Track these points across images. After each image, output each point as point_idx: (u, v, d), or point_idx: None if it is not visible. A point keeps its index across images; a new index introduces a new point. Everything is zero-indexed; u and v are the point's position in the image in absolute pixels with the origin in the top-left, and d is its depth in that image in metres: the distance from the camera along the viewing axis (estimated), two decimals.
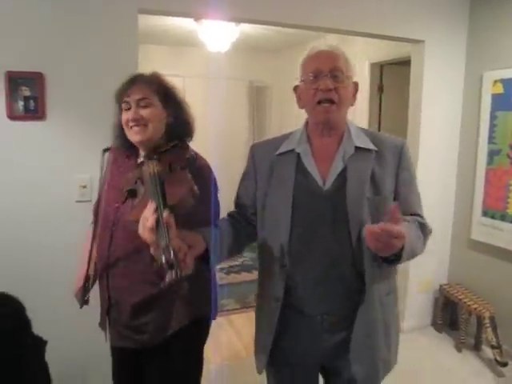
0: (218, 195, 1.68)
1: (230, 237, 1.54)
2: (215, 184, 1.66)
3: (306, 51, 1.53)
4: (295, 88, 1.55)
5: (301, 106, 1.55)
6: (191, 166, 1.55)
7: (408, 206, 1.52)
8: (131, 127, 1.59)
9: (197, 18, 3.85)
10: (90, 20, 2.45)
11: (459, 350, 3.39)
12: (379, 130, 4.64)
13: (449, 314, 3.71)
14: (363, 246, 1.39)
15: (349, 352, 1.47)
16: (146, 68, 1.77)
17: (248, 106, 6.36)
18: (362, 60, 4.58)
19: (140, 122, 1.57)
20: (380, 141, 1.52)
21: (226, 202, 1.77)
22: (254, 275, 4.63)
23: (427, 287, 3.72)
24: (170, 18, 4.12)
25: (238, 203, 1.67)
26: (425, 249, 1.54)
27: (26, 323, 1.47)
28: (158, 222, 1.25)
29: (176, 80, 1.67)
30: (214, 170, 1.70)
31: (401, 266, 3.72)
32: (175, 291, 1.58)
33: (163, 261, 1.20)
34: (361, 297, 1.45)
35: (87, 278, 1.62)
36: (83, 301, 1.64)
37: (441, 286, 3.69)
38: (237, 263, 5.20)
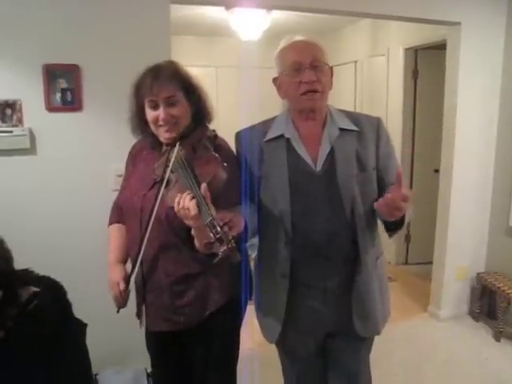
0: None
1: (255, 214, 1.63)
2: (236, 163, 1.67)
3: (281, 43, 1.62)
4: (274, 80, 1.65)
5: (282, 96, 1.65)
6: (212, 143, 1.61)
7: (389, 177, 1.65)
8: (160, 125, 1.59)
9: (228, 7, 3.86)
10: (124, 12, 2.48)
11: (497, 339, 3.33)
12: (414, 118, 4.57)
13: (486, 303, 3.63)
14: (356, 219, 1.57)
15: (351, 314, 1.63)
16: (179, 59, 1.78)
17: None
18: (395, 45, 4.50)
19: (171, 121, 1.57)
20: (358, 120, 1.64)
21: None
22: None
23: (464, 275, 3.66)
24: (201, 7, 4.14)
25: None
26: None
27: (66, 306, 1.53)
28: (197, 203, 1.29)
29: (208, 70, 1.68)
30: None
31: (437, 254, 3.69)
32: (211, 271, 1.61)
33: (212, 237, 1.25)
34: (356, 264, 1.61)
35: (129, 278, 1.62)
36: (124, 304, 1.65)
37: (478, 274, 3.62)
38: None
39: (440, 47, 3.72)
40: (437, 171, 3.81)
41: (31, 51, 2.36)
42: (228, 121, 3.39)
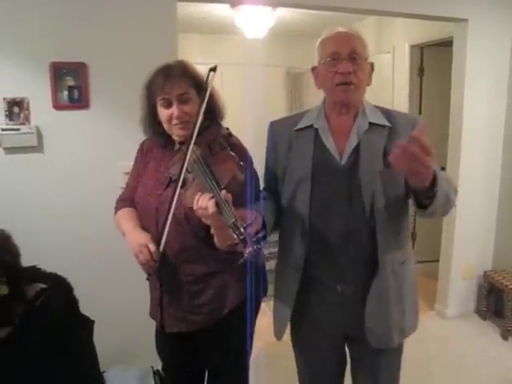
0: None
1: (270, 212, 1.59)
2: (251, 161, 1.67)
3: (323, 33, 1.59)
4: (312, 69, 1.60)
5: (318, 87, 1.60)
6: (227, 141, 1.60)
7: None
8: (175, 124, 1.59)
9: (234, 4, 3.85)
10: (130, 9, 2.48)
11: (505, 337, 3.32)
12: (420, 115, 4.54)
13: (493, 301, 3.61)
14: (376, 217, 1.49)
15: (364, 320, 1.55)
16: (184, 57, 1.78)
17: (285, 92, 6.33)
18: (401, 42, 4.48)
19: (184, 118, 1.57)
20: (393, 117, 1.57)
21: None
22: None
23: (471, 273, 3.64)
24: (207, 5, 4.14)
25: (265, 179, 1.75)
26: (454, 203, 1.50)
27: (73, 302, 1.53)
28: (217, 203, 1.28)
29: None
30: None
31: (443, 252, 3.64)
32: (229, 269, 1.61)
33: (236, 239, 1.25)
34: (376, 266, 1.52)
35: (158, 240, 1.56)
36: (155, 267, 1.57)
37: (485, 272, 3.61)
38: (276, 250, 5.18)
39: (446, 44, 3.70)
40: (443, 169, 3.79)
41: (38, 49, 2.36)
42: (233, 118, 3.38)
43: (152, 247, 1.53)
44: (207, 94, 1.49)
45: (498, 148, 3.54)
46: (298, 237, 1.57)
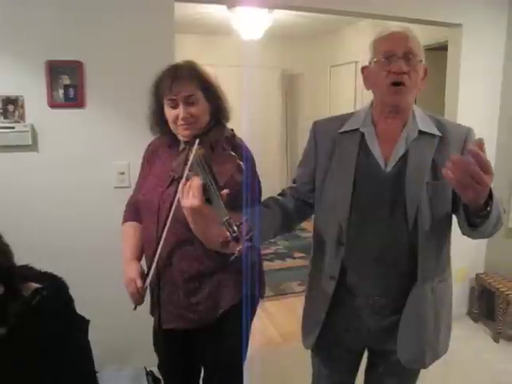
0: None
1: (277, 216, 1.56)
2: (253, 162, 1.69)
3: (377, 33, 1.52)
4: (363, 69, 1.54)
5: (368, 87, 1.53)
6: (230, 143, 1.62)
7: None
8: (180, 124, 1.60)
9: (230, 6, 3.86)
10: (128, 9, 2.48)
11: (496, 340, 3.34)
12: None
13: (485, 304, 3.64)
14: (418, 230, 1.42)
15: (396, 336, 1.49)
16: (180, 58, 1.78)
17: (281, 93, 6.35)
18: None
19: (190, 119, 1.59)
20: (444, 126, 1.49)
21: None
22: (288, 263, 4.64)
23: (463, 276, 3.66)
24: (203, 6, 4.15)
25: (296, 180, 1.70)
26: (501, 225, 1.43)
27: (68, 301, 1.52)
28: (211, 199, 1.31)
29: (208, 69, 1.68)
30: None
31: None
32: (224, 269, 1.62)
33: (228, 236, 1.27)
34: (413, 281, 1.46)
35: (146, 275, 1.64)
36: (141, 301, 1.67)
37: (477, 275, 3.62)
38: (270, 251, 5.20)
39: (440, 48, 3.71)
40: None
41: (34, 48, 2.36)
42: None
43: (139, 283, 1.63)
44: (189, 164, 1.48)
45: (491, 152, 3.56)
46: (335, 243, 1.51)
